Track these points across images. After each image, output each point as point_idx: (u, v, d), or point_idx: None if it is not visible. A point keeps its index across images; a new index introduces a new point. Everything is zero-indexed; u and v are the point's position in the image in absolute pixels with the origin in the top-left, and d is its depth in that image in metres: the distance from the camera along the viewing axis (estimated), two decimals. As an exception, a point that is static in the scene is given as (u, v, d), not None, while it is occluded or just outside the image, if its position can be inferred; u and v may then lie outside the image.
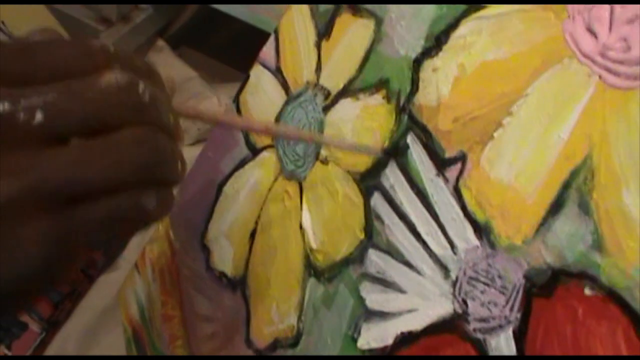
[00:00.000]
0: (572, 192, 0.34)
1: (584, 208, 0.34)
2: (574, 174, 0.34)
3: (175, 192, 0.36)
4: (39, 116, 0.29)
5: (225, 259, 0.55)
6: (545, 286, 0.35)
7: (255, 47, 0.56)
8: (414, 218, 0.41)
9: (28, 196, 0.29)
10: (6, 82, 0.30)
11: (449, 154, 0.40)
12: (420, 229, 0.40)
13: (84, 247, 0.32)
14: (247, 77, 0.56)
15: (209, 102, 0.80)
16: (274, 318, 0.49)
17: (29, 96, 0.30)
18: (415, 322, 0.40)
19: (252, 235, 0.53)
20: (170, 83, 0.33)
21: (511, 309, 0.36)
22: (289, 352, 0.48)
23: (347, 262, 0.45)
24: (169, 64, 0.89)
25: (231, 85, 0.81)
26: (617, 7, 0.35)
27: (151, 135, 0.32)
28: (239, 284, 0.53)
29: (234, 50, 0.72)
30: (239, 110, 0.56)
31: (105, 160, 0.31)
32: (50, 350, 0.78)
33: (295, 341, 0.48)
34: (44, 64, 0.31)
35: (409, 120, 0.42)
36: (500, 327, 0.36)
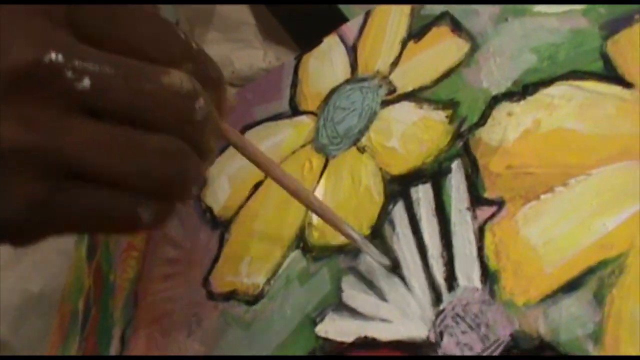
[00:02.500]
0: (594, 279, 0.34)
1: (598, 298, 0.34)
2: (602, 264, 0.34)
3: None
4: (85, 82, 0.28)
5: (219, 197, 0.54)
6: (527, 352, 0.35)
7: (324, 27, 0.56)
8: (427, 237, 0.41)
9: (36, 156, 0.28)
10: (78, 34, 0.29)
11: (488, 195, 0.40)
12: (429, 250, 0.40)
13: (58, 226, 0.30)
14: (319, 42, 0.56)
15: (255, 52, 0.79)
16: (242, 270, 0.49)
17: (86, 58, 0.28)
18: (383, 332, 0.40)
19: (256, 186, 0.52)
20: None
21: None
22: (242, 308, 0.47)
23: (340, 250, 0.44)
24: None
25: (281, 49, 0.80)
26: None
27: (183, 152, 0.31)
28: (221, 225, 0.53)
29: (302, 22, 0.72)
30: (296, 69, 0.56)
31: (128, 157, 0.29)
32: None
33: (254, 300, 0.47)
34: (121, 32, 0.30)
35: (462, 148, 0.42)
36: (466, 371, 0.36)
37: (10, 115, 0.27)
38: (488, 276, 0.37)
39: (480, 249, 0.38)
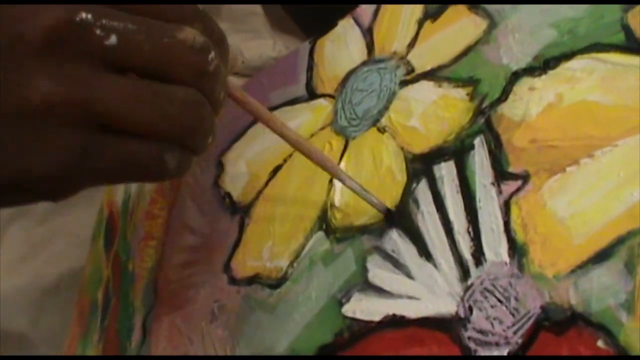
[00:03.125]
0: (624, 249, 0.34)
1: (629, 267, 0.34)
2: (632, 233, 0.34)
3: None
4: (112, 39, 0.30)
5: (237, 182, 0.54)
6: (558, 323, 0.35)
7: (331, 15, 0.56)
8: (452, 214, 0.41)
9: (70, 108, 0.30)
10: None
11: (512, 169, 0.40)
12: (455, 227, 0.40)
13: (94, 175, 0.33)
14: (334, 25, 0.56)
15: (264, 42, 0.79)
16: (264, 255, 0.49)
17: (112, 17, 0.30)
18: (411, 310, 0.40)
19: (275, 170, 0.52)
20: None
21: (515, 332, 0.36)
22: (266, 291, 0.47)
23: (364, 230, 0.44)
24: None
25: (290, 38, 0.80)
26: None
27: (201, 102, 0.33)
28: (240, 211, 0.53)
29: (309, 10, 0.72)
30: (312, 52, 0.56)
31: (154, 106, 0.32)
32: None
33: (278, 283, 0.47)
34: None
35: (484, 124, 0.42)
36: (497, 345, 0.36)
37: (44, 71, 0.29)
38: (516, 250, 0.37)
39: (507, 223, 0.38)
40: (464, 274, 0.39)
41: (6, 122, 0.29)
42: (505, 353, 0.35)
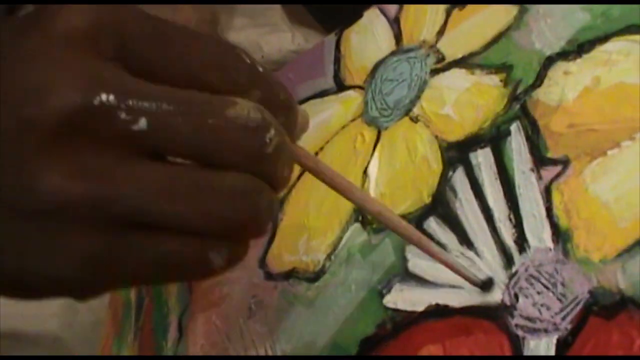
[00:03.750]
0: (671, 230, 0.34)
1: (677, 248, 0.34)
2: (678, 214, 0.34)
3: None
4: (142, 123, 0.25)
5: (269, 177, 0.54)
6: (608, 308, 0.34)
7: (350, 8, 0.56)
8: (491, 201, 0.41)
9: (91, 208, 0.25)
10: (130, 66, 0.26)
11: (551, 154, 0.40)
12: (495, 214, 0.40)
13: (122, 278, 0.29)
14: (360, 16, 0.55)
15: (283, 35, 0.79)
16: (300, 248, 0.49)
17: (141, 95, 0.25)
18: (455, 299, 0.40)
19: (307, 164, 0.52)
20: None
21: (563, 318, 0.35)
22: (303, 285, 0.47)
23: (401, 220, 0.44)
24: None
25: (309, 31, 0.80)
26: None
27: (257, 190, 0.28)
28: (274, 205, 0.52)
29: (327, 3, 0.71)
30: (338, 44, 0.56)
31: (196, 202, 0.27)
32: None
33: (315, 277, 0.47)
34: (179, 60, 0.27)
35: (520, 110, 0.42)
36: (546, 331, 0.36)
37: (58, 166, 0.25)
38: (560, 235, 0.37)
39: (549, 209, 0.38)
40: (508, 261, 0.39)
41: (16, 220, 0.25)
42: (554, 339, 0.35)
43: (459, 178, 0.43)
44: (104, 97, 0.25)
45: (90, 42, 0.26)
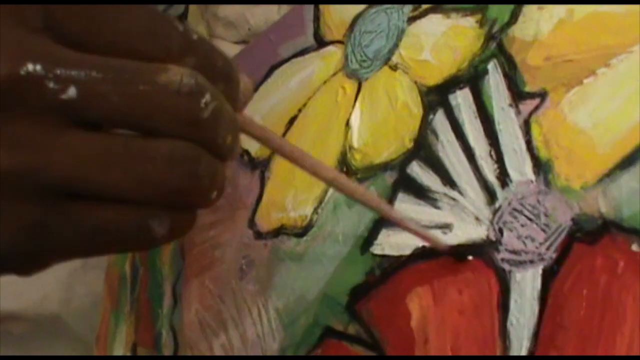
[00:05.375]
0: (650, 153, 0.34)
1: (657, 168, 0.33)
2: (657, 134, 0.34)
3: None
4: (71, 92, 0.25)
5: (254, 138, 0.54)
6: (591, 233, 0.34)
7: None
8: (472, 140, 0.40)
9: (23, 178, 0.25)
10: (58, 37, 0.26)
11: (529, 88, 0.39)
12: (477, 152, 0.40)
13: (62, 250, 0.28)
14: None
15: (269, 7, 0.79)
16: (287, 205, 0.49)
17: (69, 64, 0.25)
18: (440, 239, 0.39)
19: (291, 121, 0.52)
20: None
21: (548, 248, 0.35)
22: (292, 241, 0.47)
23: (385, 167, 0.44)
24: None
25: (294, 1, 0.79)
26: None
27: (194, 156, 0.27)
28: (260, 165, 0.52)
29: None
30: (317, 2, 0.55)
31: (131, 170, 0.26)
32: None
33: (304, 232, 0.47)
34: (108, 29, 0.26)
35: (496, 48, 0.42)
36: (531, 262, 0.36)
37: None
38: (541, 167, 0.37)
39: (529, 142, 0.38)
40: (491, 197, 0.38)
41: None
42: (539, 269, 0.35)
43: (440, 120, 0.42)
44: (30, 66, 0.24)
45: (16, 13, 0.25)
